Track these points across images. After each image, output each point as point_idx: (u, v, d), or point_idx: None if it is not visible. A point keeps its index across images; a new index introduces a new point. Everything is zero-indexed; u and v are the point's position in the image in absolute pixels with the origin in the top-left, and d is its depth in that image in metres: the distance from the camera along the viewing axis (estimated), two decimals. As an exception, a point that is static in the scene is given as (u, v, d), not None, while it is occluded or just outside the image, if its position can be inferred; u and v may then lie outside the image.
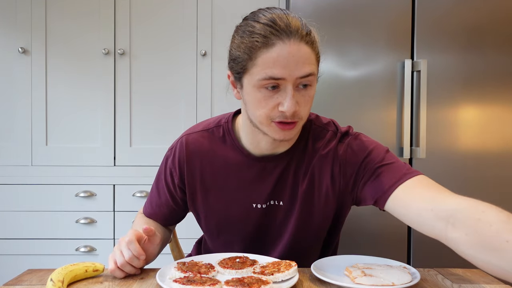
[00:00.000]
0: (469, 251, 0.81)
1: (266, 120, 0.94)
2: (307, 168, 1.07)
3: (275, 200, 1.08)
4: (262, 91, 0.92)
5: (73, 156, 2.16)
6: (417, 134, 1.87)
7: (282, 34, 0.88)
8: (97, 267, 1.03)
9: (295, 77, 0.90)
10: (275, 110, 0.93)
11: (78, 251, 2.14)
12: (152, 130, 2.19)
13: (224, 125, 1.10)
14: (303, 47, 0.90)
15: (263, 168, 1.06)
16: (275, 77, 0.89)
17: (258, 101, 0.93)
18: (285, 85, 0.91)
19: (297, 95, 0.92)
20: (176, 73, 2.19)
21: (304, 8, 1.86)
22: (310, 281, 1.00)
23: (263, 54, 0.89)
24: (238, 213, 1.09)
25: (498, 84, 1.88)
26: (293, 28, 0.89)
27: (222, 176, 1.08)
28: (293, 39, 0.89)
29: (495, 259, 0.77)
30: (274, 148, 1.05)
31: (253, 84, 0.93)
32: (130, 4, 2.18)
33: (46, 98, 2.17)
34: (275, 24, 0.89)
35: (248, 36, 0.91)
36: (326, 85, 1.87)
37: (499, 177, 1.89)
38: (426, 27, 1.87)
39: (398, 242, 1.88)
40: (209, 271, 1.00)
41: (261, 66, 0.90)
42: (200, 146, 1.09)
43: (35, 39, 2.15)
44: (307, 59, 0.90)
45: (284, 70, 0.88)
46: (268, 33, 0.89)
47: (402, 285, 0.93)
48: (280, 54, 0.88)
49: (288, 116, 0.92)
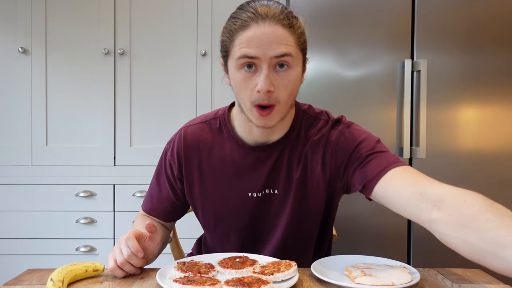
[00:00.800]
0: (448, 230, 0.83)
1: (249, 103, 0.97)
2: (300, 155, 1.09)
3: (270, 188, 1.10)
4: (242, 72, 0.96)
5: (73, 156, 2.16)
6: (417, 134, 1.87)
7: (258, 18, 0.94)
8: (97, 267, 1.03)
9: (269, 56, 0.93)
10: (254, 92, 0.96)
11: (78, 251, 2.14)
12: (152, 130, 2.19)
13: (221, 117, 1.13)
14: (278, 29, 0.94)
15: (257, 157, 1.08)
16: (249, 55, 0.93)
17: (239, 83, 0.97)
18: (260, 65, 0.94)
19: (273, 76, 0.95)
20: (176, 73, 2.19)
21: (304, 8, 1.86)
22: (310, 281, 1.00)
23: (240, 35, 0.95)
24: (235, 202, 1.11)
25: (498, 84, 1.88)
26: (270, 14, 0.94)
27: (218, 166, 1.10)
28: (268, 22, 0.94)
29: (472, 236, 0.78)
30: (267, 136, 1.07)
31: (234, 66, 0.97)
32: (130, 4, 2.18)
33: (46, 98, 2.17)
34: (254, 10, 0.95)
35: (231, 21, 0.99)
36: (326, 85, 1.87)
37: (499, 177, 1.89)
38: (426, 27, 1.87)
39: (398, 242, 1.88)
40: (209, 271, 1.00)
41: (237, 46, 0.95)
42: (198, 137, 1.12)
43: (35, 39, 2.16)
44: (282, 40, 0.94)
45: (258, 49, 0.93)
46: (246, 17, 0.95)
47: (402, 285, 0.93)
48: (254, 34, 0.93)
49: (264, 98, 0.95)
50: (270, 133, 1.07)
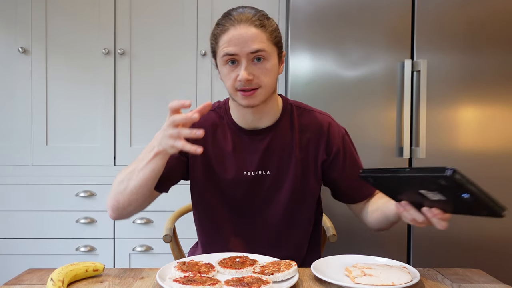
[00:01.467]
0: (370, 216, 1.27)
1: (233, 89, 1.16)
2: (291, 141, 1.25)
3: (263, 170, 1.24)
4: (227, 67, 1.16)
5: (73, 156, 2.16)
6: (417, 134, 1.87)
7: (234, 22, 1.14)
8: (97, 267, 1.03)
9: (246, 52, 1.13)
10: (236, 81, 1.15)
11: (78, 251, 2.14)
12: (152, 130, 2.18)
13: (222, 106, 1.30)
14: (251, 29, 1.13)
15: (252, 140, 1.25)
16: (229, 53, 1.13)
17: (225, 76, 1.17)
18: (240, 60, 1.14)
19: (252, 67, 1.14)
20: (176, 73, 2.20)
21: (304, 8, 1.86)
22: (310, 281, 1.00)
23: (222, 38, 1.15)
24: (231, 177, 1.24)
25: (498, 84, 1.88)
26: (244, 18, 1.14)
27: (220, 145, 1.26)
28: (243, 24, 1.13)
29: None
30: (258, 120, 1.24)
31: (220, 63, 1.18)
32: (130, 4, 2.18)
33: (46, 98, 2.17)
34: (232, 16, 1.15)
35: (215, 27, 1.18)
36: (326, 85, 1.87)
37: (499, 177, 1.89)
38: (426, 27, 1.87)
39: (398, 242, 1.88)
40: (209, 271, 1.00)
41: (221, 47, 1.15)
42: (204, 121, 1.25)
43: (35, 39, 2.16)
44: (256, 38, 1.13)
45: (236, 47, 1.12)
46: (224, 22, 1.15)
47: (402, 285, 0.93)
48: (232, 35, 1.13)
49: (244, 84, 1.13)
50: (260, 117, 1.23)
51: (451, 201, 0.90)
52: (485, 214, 0.90)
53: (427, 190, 0.89)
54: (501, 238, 1.89)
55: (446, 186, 0.84)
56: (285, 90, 1.97)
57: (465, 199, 0.86)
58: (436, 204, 0.94)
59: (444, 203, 0.92)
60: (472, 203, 0.87)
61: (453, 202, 0.90)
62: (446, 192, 0.87)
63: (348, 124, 1.86)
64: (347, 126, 1.36)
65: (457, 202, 0.89)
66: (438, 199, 0.91)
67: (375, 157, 1.87)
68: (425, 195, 0.92)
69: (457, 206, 0.92)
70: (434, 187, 0.87)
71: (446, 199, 0.90)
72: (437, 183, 0.84)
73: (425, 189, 0.90)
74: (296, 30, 1.87)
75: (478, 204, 0.87)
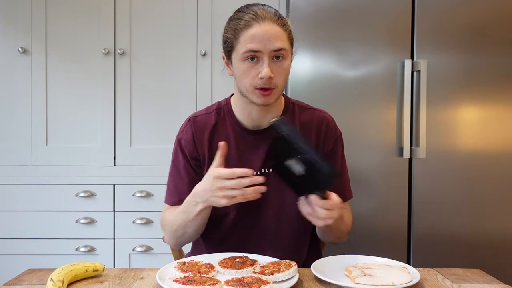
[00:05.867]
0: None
1: (251, 87, 1.15)
2: None
3: (266, 168, 1.24)
4: (246, 63, 1.14)
5: (73, 156, 2.16)
6: (417, 134, 1.87)
7: (258, 18, 1.14)
8: (97, 267, 1.03)
9: (269, 50, 1.12)
10: (256, 78, 1.14)
11: (78, 251, 2.14)
12: (152, 130, 2.19)
13: (224, 107, 1.30)
14: (275, 27, 1.14)
15: (255, 139, 1.25)
16: (253, 50, 1.12)
17: (243, 72, 1.15)
18: (262, 57, 1.13)
19: (272, 65, 1.14)
20: (176, 73, 2.19)
21: (304, 8, 1.86)
22: (310, 281, 1.00)
23: (244, 33, 1.13)
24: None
25: (498, 84, 1.88)
26: (267, 15, 1.15)
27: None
28: (267, 21, 1.14)
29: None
30: (263, 117, 1.24)
31: (238, 58, 1.15)
32: (130, 4, 2.18)
33: (46, 98, 2.17)
34: (254, 12, 1.15)
35: (234, 21, 1.17)
36: (326, 85, 1.87)
37: (499, 177, 1.89)
38: (426, 27, 1.87)
39: (398, 242, 1.88)
40: (209, 271, 1.00)
41: (243, 42, 1.13)
42: (206, 123, 1.27)
43: (35, 39, 2.15)
44: (278, 36, 1.14)
45: (260, 44, 1.12)
46: (248, 18, 1.14)
47: (402, 285, 0.93)
48: (257, 31, 1.12)
49: (266, 82, 1.13)
50: (266, 113, 1.23)
51: (307, 176, 0.98)
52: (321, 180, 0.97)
53: (289, 158, 0.99)
54: (501, 238, 1.89)
55: (280, 144, 0.99)
56: (285, 90, 1.97)
57: (299, 160, 0.96)
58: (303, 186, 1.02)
59: (305, 180, 0.99)
60: (305, 165, 0.95)
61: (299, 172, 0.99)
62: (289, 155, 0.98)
63: (348, 124, 1.87)
64: (348, 126, 1.37)
65: (294, 168, 0.99)
66: (302, 175, 0.99)
67: (375, 157, 1.87)
68: (292, 169, 1.00)
69: (306, 179, 1.00)
70: (284, 151, 0.99)
71: (305, 174, 0.98)
72: (278, 141, 0.99)
73: (288, 158, 0.99)
74: (296, 30, 1.86)
75: (310, 165, 0.95)
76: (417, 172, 1.88)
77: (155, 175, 2.15)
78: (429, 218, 1.87)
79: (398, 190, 1.88)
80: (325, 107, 1.37)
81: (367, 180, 1.88)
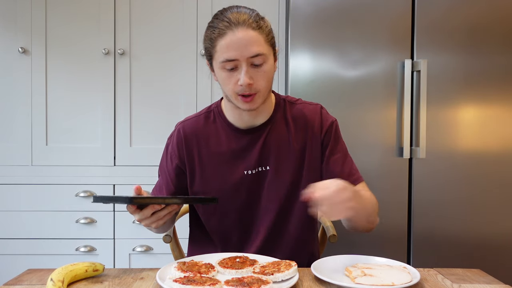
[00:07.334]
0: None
1: (233, 94, 1.15)
2: (287, 134, 1.25)
3: (263, 166, 1.24)
4: (225, 71, 1.14)
5: (73, 156, 2.16)
6: (417, 134, 1.87)
7: (231, 25, 1.10)
8: (97, 267, 1.03)
9: (246, 57, 1.10)
10: (237, 85, 1.13)
11: (78, 251, 2.14)
12: (152, 130, 2.19)
13: (214, 109, 1.29)
14: (250, 32, 1.10)
15: (249, 139, 1.24)
16: (230, 59, 1.11)
17: (224, 80, 1.15)
18: (240, 64, 1.11)
19: (251, 71, 1.12)
20: (176, 73, 2.19)
21: (304, 8, 1.86)
22: (310, 281, 1.00)
23: (219, 42, 1.11)
24: (234, 180, 1.23)
25: (498, 84, 1.88)
26: (240, 20, 1.11)
27: (216, 151, 1.25)
28: (241, 27, 1.10)
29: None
30: (254, 118, 1.23)
31: (218, 67, 1.15)
32: (130, 5, 2.18)
33: (46, 98, 2.17)
34: (228, 19, 1.12)
35: (210, 30, 1.15)
36: (326, 85, 1.87)
37: (499, 177, 1.89)
38: (426, 27, 1.87)
39: (398, 242, 1.88)
40: (209, 271, 1.00)
41: (219, 52, 1.12)
42: (195, 129, 1.27)
43: (35, 39, 2.15)
44: (254, 42, 1.11)
45: (236, 52, 1.10)
46: (221, 26, 1.11)
47: (402, 285, 0.93)
48: (231, 40, 1.10)
49: (245, 89, 1.12)
50: (256, 114, 1.23)
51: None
52: None
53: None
54: (501, 238, 1.89)
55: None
56: (285, 90, 1.97)
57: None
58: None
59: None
60: None
61: None
62: None
63: (348, 124, 1.87)
64: (348, 126, 1.37)
65: None
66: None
67: (375, 157, 1.88)
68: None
69: None
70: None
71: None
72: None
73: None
74: (296, 30, 1.87)
75: None
76: (417, 172, 1.88)
77: (155, 175, 2.13)
78: (429, 218, 1.87)
79: (398, 190, 1.89)
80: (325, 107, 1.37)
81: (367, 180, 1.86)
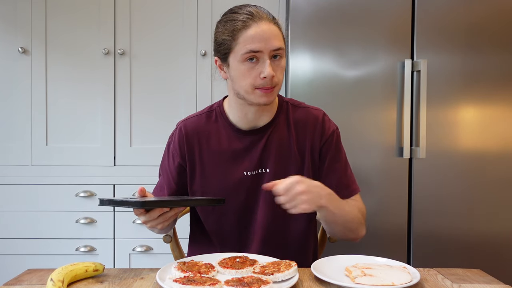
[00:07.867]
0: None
1: (251, 88, 1.15)
2: (288, 137, 1.26)
3: (262, 168, 1.24)
4: (246, 64, 1.14)
5: (73, 156, 2.16)
6: (417, 134, 1.87)
7: (255, 18, 1.13)
8: (97, 267, 1.03)
9: (270, 50, 1.13)
10: (258, 79, 1.14)
11: (78, 251, 2.14)
12: (152, 130, 2.19)
13: (216, 109, 1.29)
14: (272, 26, 1.15)
15: (251, 140, 1.25)
16: (254, 50, 1.12)
17: (243, 73, 1.15)
18: (262, 57, 1.13)
19: (272, 64, 1.14)
20: (176, 73, 2.19)
21: (304, 8, 1.86)
22: (310, 281, 1.00)
23: (243, 33, 1.13)
24: (233, 181, 1.24)
25: (498, 84, 1.88)
26: (263, 15, 1.15)
27: (217, 151, 1.25)
28: (264, 21, 1.14)
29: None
30: (259, 117, 1.24)
31: (238, 60, 1.14)
32: (130, 4, 2.17)
33: (46, 98, 2.17)
34: (249, 12, 1.14)
35: (230, 23, 1.15)
36: (326, 85, 1.87)
37: (499, 177, 1.89)
38: (426, 27, 1.87)
39: (398, 242, 1.88)
40: (209, 271, 1.00)
41: (242, 43, 1.13)
42: (196, 128, 1.27)
43: (35, 39, 2.15)
44: (276, 36, 1.14)
45: (260, 43, 1.12)
46: (244, 18, 1.13)
47: (402, 285, 0.93)
48: (256, 32, 1.12)
49: (268, 82, 1.13)
50: (261, 115, 1.24)
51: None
52: None
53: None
54: (501, 238, 1.89)
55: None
56: (285, 90, 1.97)
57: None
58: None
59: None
60: None
61: None
62: None
63: (348, 124, 1.87)
64: (348, 126, 1.37)
65: None
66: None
67: (375, 157, 1.88)
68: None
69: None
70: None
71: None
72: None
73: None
74: (296, 30, 1.87)
75: None
76: (417, 172, 1.88)
77: (155, 175, 2.13)
78: (429, 218, 1.87)
79: (398, 190, 1.89)
80: (325, 107, 1.37)
81: (367, 180, 1.88)
